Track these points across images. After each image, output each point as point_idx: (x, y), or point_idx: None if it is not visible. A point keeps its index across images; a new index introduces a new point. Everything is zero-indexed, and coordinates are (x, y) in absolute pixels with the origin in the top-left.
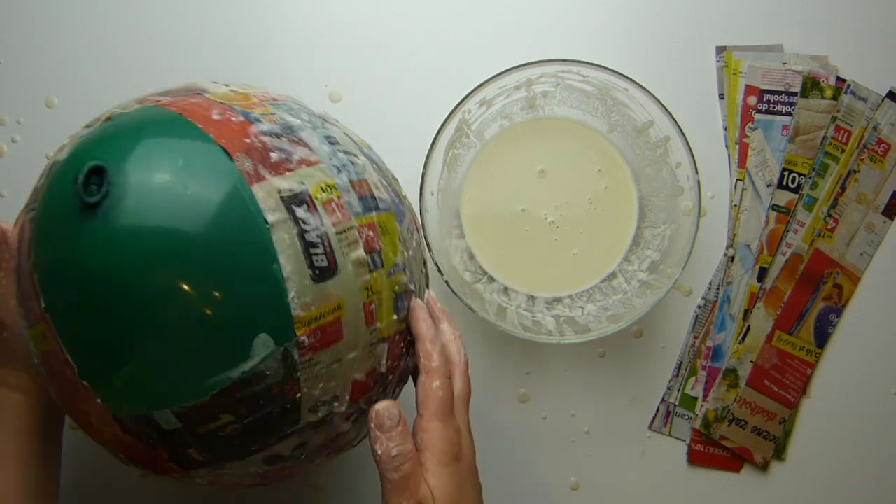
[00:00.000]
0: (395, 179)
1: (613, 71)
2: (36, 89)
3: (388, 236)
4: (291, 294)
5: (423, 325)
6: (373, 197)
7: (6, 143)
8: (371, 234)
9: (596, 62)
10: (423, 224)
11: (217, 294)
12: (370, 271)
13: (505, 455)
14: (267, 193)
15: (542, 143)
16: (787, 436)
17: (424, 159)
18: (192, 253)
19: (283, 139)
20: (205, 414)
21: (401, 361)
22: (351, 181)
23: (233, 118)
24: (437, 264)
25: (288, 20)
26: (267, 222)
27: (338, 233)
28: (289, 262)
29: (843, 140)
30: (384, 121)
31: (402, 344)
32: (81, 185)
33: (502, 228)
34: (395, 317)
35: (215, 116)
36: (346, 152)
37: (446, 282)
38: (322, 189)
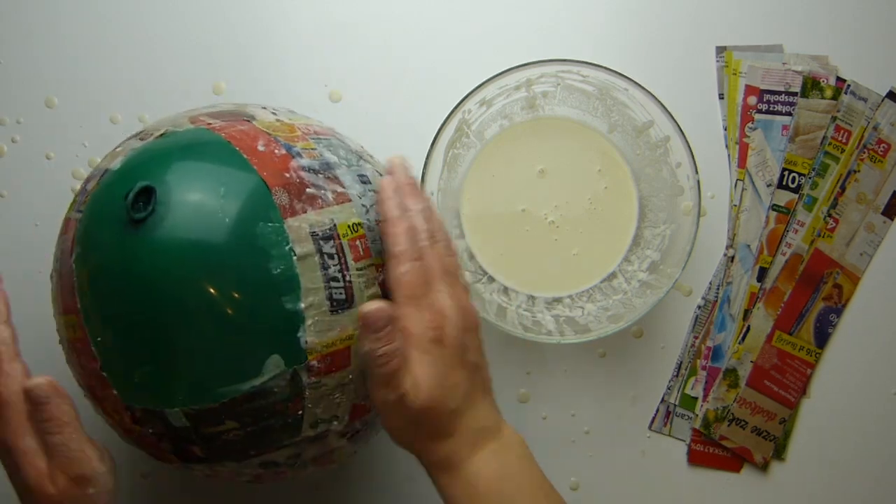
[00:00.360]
0: None
1: (613, 71)
2: (36, 89)
3: None
4: (308, 322)
5: (387, 206)
6: None
7: (6, 143)
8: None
9: (596, 62)
10: None
11: (239, 314)
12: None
13: None
14: (298, 227)
15: (542, 143)
16: (787, 436)
17: (424, 159)
18: (223, 274)
19: (320, 176)
20: (212, 418)
21: None
22: (377, 221)
23: (276, 151)
24: None
25: (288, 20)
26: (294, 254)
27: (358, 269)
28: (309, 293)
29: (843, 140)
30: (384, 121)
31: None
32: (131, 202)
33: (502, 228)
34: None
35: (260, 147)
36: (375, 192)
37: None
38: (349, 227)
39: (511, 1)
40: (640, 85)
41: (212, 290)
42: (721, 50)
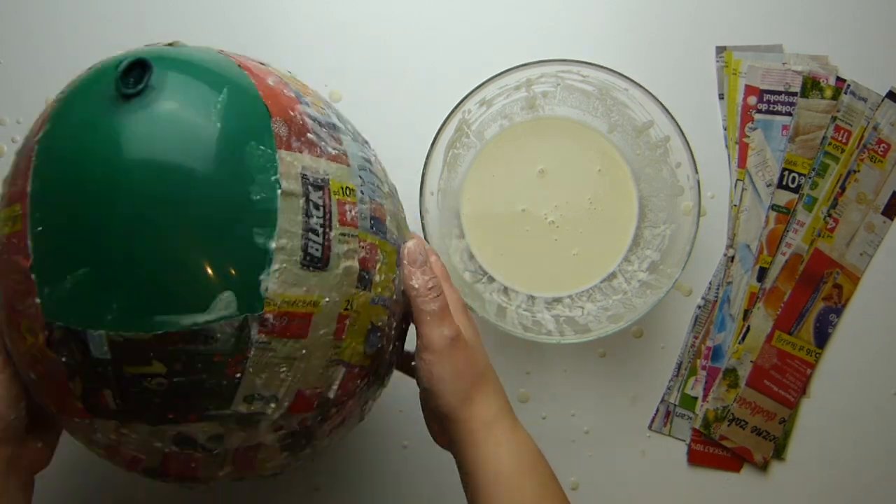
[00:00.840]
0: (407, 227)
1: (613, 71)
2: (36, 89)
3: (384, 267)
4: (275, 267)
5: (415, 257)
6: (384, 224)
7: (6, 143)
8: (370, 254)
9: (596, 62)
10: (423, 224)
11: (204, 230)
12: (357, 287)
13: None
14: (290, 162)
15: (542, 143)
16: (787, 436)
17: (424, 159)
18: (200, 181)
19: (324, 129)
20: (138, 353)
21: (349, 402)
22: (371, 199)
23: (285, 91)
24: None
25: (288, 20)
26: (280, 187)
27: (341, 234)
28: (284, 235)
29: (843, 140)
30: (384, 121)
31: (359, 381)
32: (121, 72)
33: (502, 228)
34: (362, 347)
35: (270, 82)
36: (373, 173)
37: None
38: (342, 188)
39: (511, 1)
40: (640, 85)
41: (182, 194)
42: (721, 50)
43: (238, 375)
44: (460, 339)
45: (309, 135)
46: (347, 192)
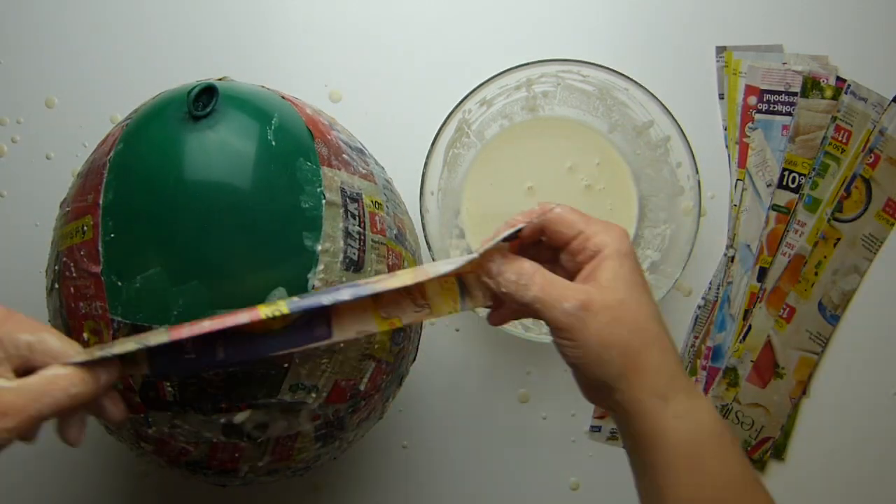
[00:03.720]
0: (418, 250)
1: (613, 71)
2: (36, 89)
3: None
4: (320, 267)
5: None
6: (405, 236)
7: (6, 143)
8: (397, 261)
9: (596, 62)
10: (423, 224)
11: (262, 233)
12: None
13: (505, 455)
14: (332, 177)
15: (542, 143)
16: (787, 436)
17: (424, 159)
18: (260, 190)
19: (354, 152)
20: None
21: (376, 395)
22: (394, 213)
23: (321, 119)
24: None
25: (288, 20)
26: (324, 197)
27: (373, 241)
28: (328, 239)
29: (844, 140)
30: (384, 121)
31: (385, 377)
32: (193, 97)
33: None
34: (389, 344)
35: (308, 111)
36: (393, 192)
37: None
38: (372, 202)
39: (511, 1)
40: (640, 85)
41: (244, 202)
42: (721, 50)
43: (286, 365)
44: (592, 306)
45: (344, 155)
46: (377, 206)
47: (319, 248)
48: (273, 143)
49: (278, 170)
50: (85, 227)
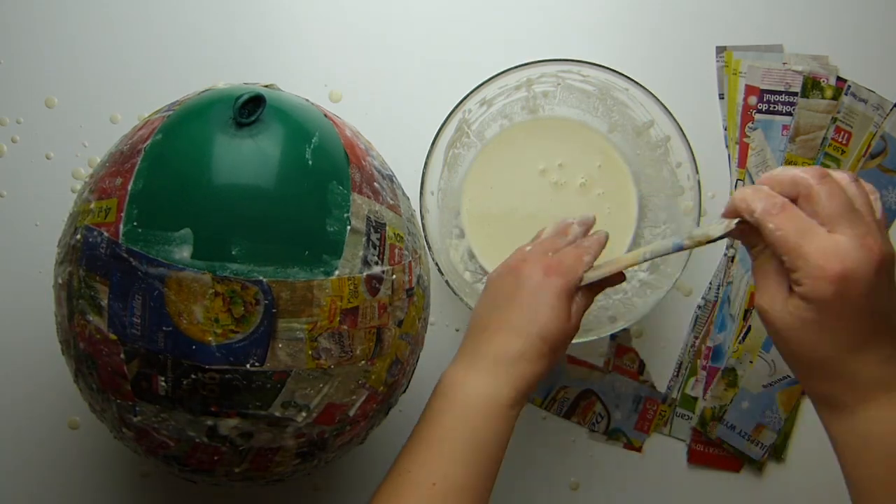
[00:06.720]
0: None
1: (614, 71)
2: (36, 89)
3: (414, 308)
4: None
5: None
6: (419, 272)
7: (6, 143)
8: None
9: (596, 62)
10: (423, 224)
11: (284, 249)
12: (393, 321)
13: (505, 455)
14: (360, 204)
15: (542, 143)
16: (787, 436)
17: (424, 159)
18: (289, 206)
19: (385, 181)
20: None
21: (362, 422)
22: (412, 248)
23: (359, 143)
24: (437, 264)
25: (289, 20)
26: (350, 224)
27: (389, 272)
28: (346, 265)
29: (844, 142)
30: (384, 121)
31: (375, 406)
32: (240, 104)
33: (502, 228)
34: (385, 376)
35: (347, 133)
36: (415, 225)
37: (446, 281)
38: (395, 234)
39: (511, 1)
40: (640, 85)
41: (272, 214)
42: (721, 50)
43: (282, 381)
44: (849, 282)
45: (375, 184)
46: (398, 238)
47: (337, 272)
48: (310, 161)
49: (310, 189)
50: (109, 209)
